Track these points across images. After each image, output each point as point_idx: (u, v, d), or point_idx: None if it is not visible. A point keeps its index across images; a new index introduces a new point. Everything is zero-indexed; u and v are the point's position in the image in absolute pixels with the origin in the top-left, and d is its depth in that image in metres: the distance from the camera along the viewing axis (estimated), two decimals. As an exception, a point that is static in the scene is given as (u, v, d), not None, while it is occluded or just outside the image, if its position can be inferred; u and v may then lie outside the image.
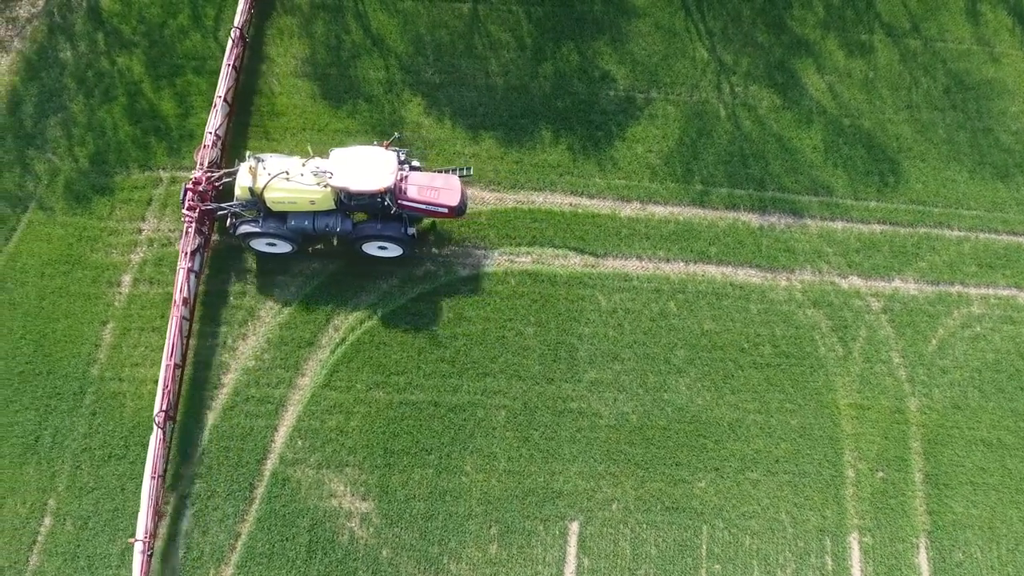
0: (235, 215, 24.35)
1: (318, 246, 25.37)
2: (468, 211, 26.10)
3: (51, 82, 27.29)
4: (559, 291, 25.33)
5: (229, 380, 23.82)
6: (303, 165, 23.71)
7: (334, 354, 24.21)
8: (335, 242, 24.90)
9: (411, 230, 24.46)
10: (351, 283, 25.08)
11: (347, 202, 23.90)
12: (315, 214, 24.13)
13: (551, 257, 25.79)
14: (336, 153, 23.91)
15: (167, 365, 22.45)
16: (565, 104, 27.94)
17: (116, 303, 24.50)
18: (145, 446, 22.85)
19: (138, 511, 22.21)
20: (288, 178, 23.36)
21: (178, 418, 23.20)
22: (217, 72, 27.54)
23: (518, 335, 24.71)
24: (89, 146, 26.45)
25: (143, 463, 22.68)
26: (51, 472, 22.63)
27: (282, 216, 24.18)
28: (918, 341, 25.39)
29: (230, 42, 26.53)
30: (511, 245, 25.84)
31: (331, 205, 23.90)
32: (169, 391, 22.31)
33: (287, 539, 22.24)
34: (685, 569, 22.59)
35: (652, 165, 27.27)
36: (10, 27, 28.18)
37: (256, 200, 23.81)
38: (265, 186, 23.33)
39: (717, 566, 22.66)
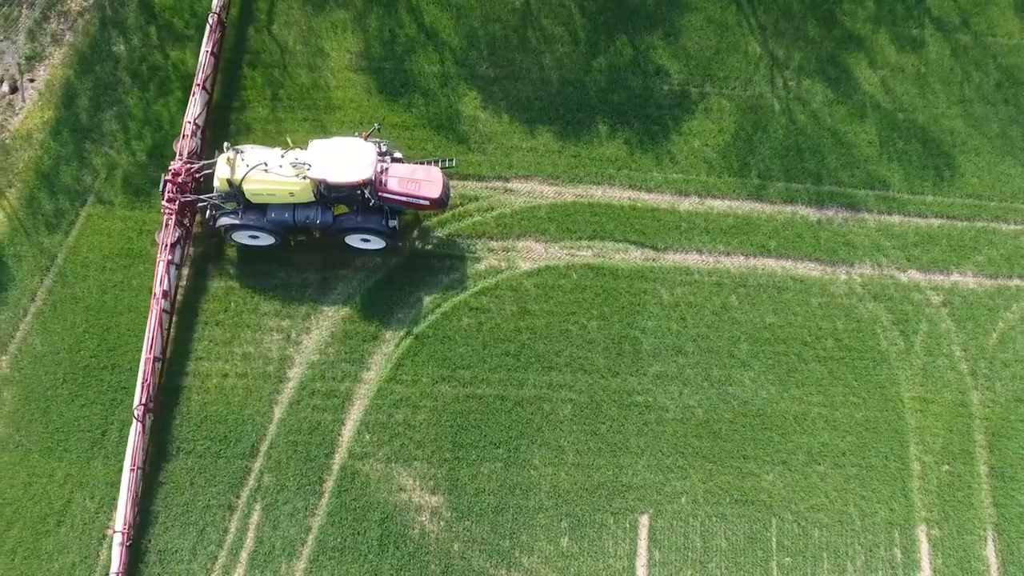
0: (215, 207, 23.96)
1: (300, 238, 24.98)
2: (527, 204, 26.14)
3: (105, 76, 27.14)
4: (621, 285, 25.30)
5: (294, 374, 23.73)
6: (282, 156, 23.39)
7: (399, 348, 24.15)
8: (317, 234, 24.64)
9: (392, 222, 24.11)
10: (413, 277, 25.01)
11: (327, 194, 23.61)
12: (295, 206, 23.74)
13: (612, 251, 25.76)
14: (315, 144, 23.62)
15: (146, 359, 22.12)
16: (620, 98, 27.92)
17: (178, 296, 24.35)
18: (213, 439, 22.89)
19: (205, 506, 22.25)
20: (267, 170, 23.01)
21: (245, 412, 23.13)
22: (273, 66, 27.62)
23: (582, 329, 24.68)
24: (146, 139, 26.31)
25: (212, 456, 22.70)
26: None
27: (262, 208, 23.77)
28: (979, 335, 25.43)
29: (208, 28, 26.02)
30: (572, 239, 25.81)
31: (311, 197, 23.54)
32: (148, 384, 21.99)
33: (358, 533, 22.16)
34: (756, 562, 22.60)
35: (709, 159, 27.27)
36: (62, 20, 28.04)
37: (235, 192, 23.41)
38: (243, 178, 22.97)
39: (787, 559, 22.67)
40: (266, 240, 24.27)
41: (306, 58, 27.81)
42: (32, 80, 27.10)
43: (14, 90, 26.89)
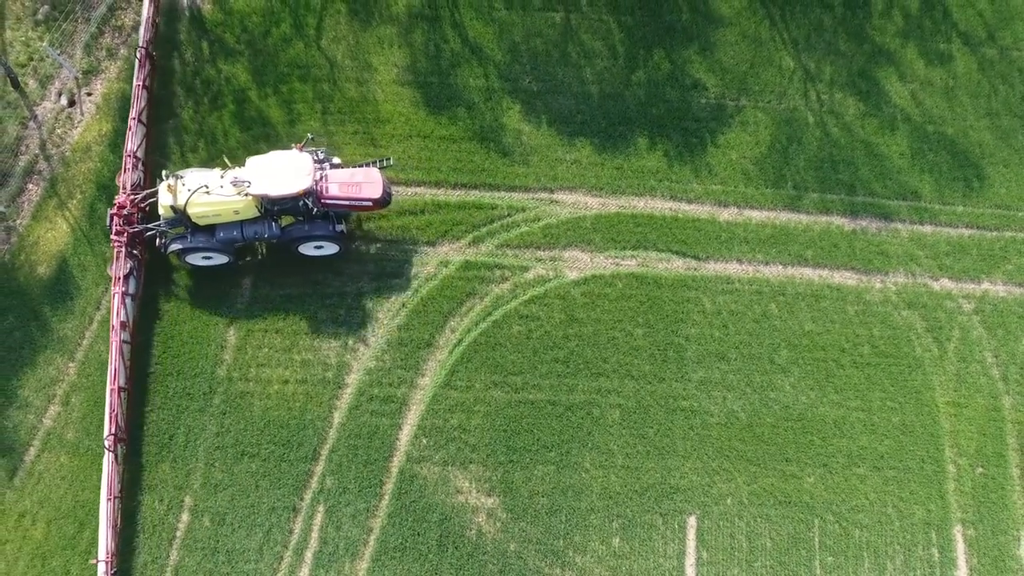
0: (163, 234, 24.54)
1: (247, 258, 25.75)
2: (573, 215, 27.00)
3: (159, 89, 27.90)
4: (664, 293, 26.17)
5: (352, 380, 24.58)
6: (222, 177, 24.07)
7: (452, 355, 25.00)
8: (263, 248, 25.55)
9: (340, 226, 24.88)
10: (464, 286, 25.84)
11: (271, 208, 24.31)
12: (242, 223, 24.43)
13: (655, 260, 26.64)
14: (252, 161, 24.37)
15: (111, 389, 22.59)
16: (659, 111, 28.76)
17: (238, 305, 25.21)
18: (276, 443, 23.76)
19: (271, 507, 23.08)
20: (208, 191, 23.65)
21: (305, 417, 23.97)
22: (323, 80, 28.40)
23: (628, 336, 25.55)
24: (201, 152, 27.08)
25: (276, 460, 23.58)
26: (186, 470, 23.36)
27: (210, 229, 24.41)
28: (1009, 341, 26.34)
29: (137, 62, 26.39)
30: (616, 248, 26.67)
31: (256, 213, 24.24)
32: (116, 414, 22.53)
33: (418, 534, 23.03)
34: (799, 561, 23.50)
35: (746, 170, 28.13)
36: (117, 35, 28.82)
37: (182, 216, 24.00)
38: (187, 202, 23.55)
39: (830, 558, 23.58)
40: (220, 259, 24.82)
41: (354, 72, 28.60)
42: (90, 94, 27.89)
43: (72, 103, 27.69)
